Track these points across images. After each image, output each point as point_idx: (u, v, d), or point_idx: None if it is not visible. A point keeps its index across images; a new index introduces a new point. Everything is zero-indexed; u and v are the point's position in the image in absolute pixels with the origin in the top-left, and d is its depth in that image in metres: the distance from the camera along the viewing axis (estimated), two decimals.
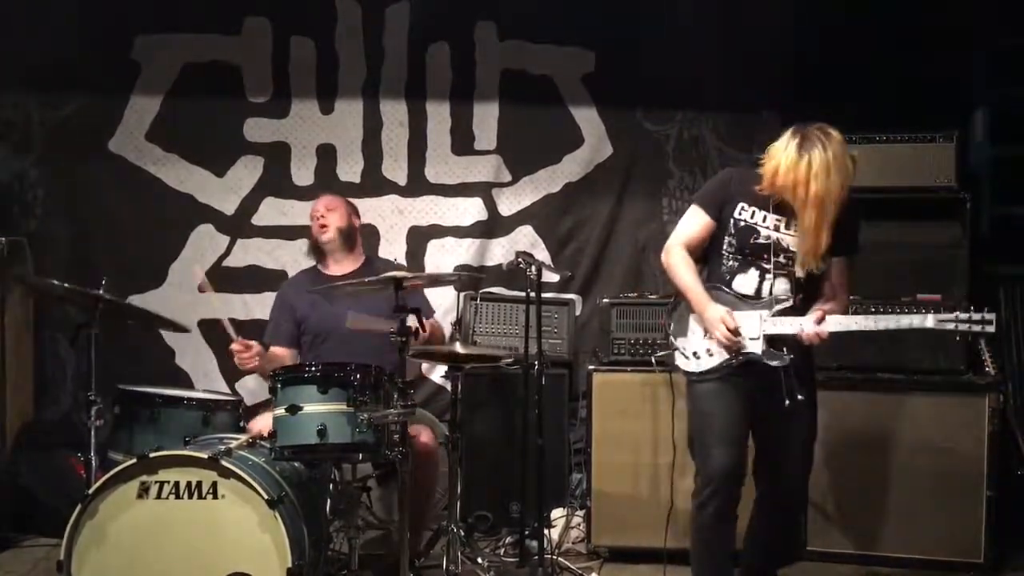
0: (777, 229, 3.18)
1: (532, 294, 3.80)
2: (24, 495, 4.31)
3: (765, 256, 3.18)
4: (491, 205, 4.97)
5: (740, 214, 3.20)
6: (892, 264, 4.16)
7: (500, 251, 4.96)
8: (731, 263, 3.23)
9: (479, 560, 3.81)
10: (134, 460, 3.04)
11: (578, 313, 4.81)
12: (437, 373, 4.79)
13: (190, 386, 4.70)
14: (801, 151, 3.03)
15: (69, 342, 4.58)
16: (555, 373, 4.32)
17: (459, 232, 4.97)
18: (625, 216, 4.98)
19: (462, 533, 3.74)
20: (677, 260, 3.24)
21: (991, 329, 3.05)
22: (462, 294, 4.61)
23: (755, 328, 3.13)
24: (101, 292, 3.45)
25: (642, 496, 4.11)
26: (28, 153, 4.86)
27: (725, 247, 3.23)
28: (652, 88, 4.90)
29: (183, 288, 4.83)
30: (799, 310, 3.15)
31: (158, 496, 3.01)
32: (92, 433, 3.38)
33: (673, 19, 4.85)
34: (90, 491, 3.03)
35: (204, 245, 4.91)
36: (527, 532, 3.92)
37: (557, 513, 4.33)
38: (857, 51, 4.66)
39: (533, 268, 3.79)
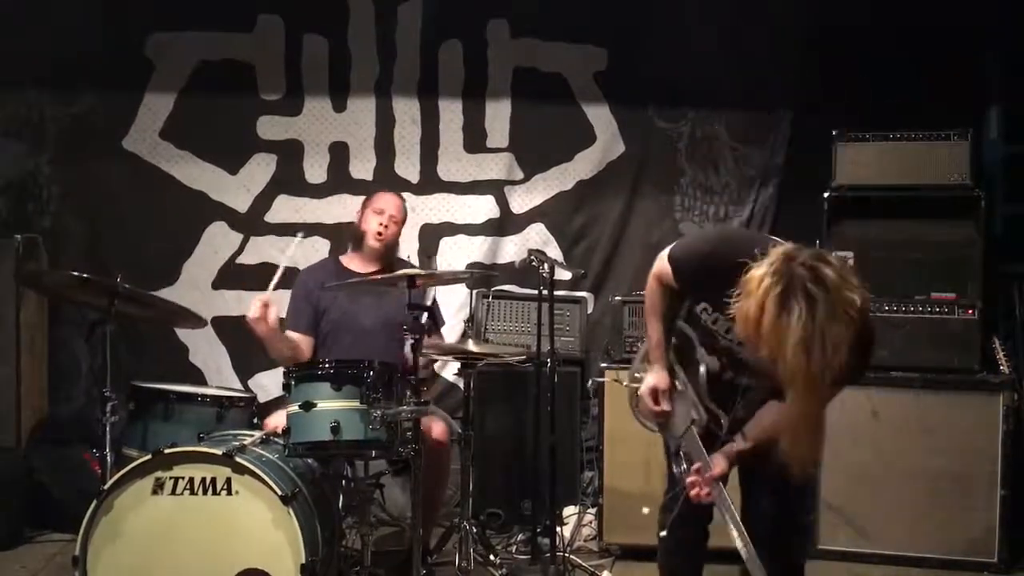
0: (741, 345, 2.52)
1: (544, 292, 3.81)
2: (39, 491, 4.32)
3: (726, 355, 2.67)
4: (503, 203, 4.98)
5: (701, 313, 2.66)
6: (905, 262, 4.16)
7: (512, 248, 4.96)
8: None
9: (491, 557, 3.82)
10: (149, 456, 3.04)
11: (590, 311, 4.80)
12: (449, 370, 4.79)
13: (203, 383, 4.72)
14: (781, 307, 2.17)
15: (84, 338, 4.60)
16: (567, 371, 4.33)
17: (471, 230, 4.98)
18: (637, 214, 4.98)
19: (474, 530, 3.74)
20: (650, 295, 2.74)
21: None
22: (474, 291, 4.61)
23: (684, 419, 2.74)
24: (119, 280, 3.45)
25: (654, 494, 4.09)
26: (42, 151, 4.88)
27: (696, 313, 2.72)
28: (664, 86, 4.89)
29: (196, 286, 4.86)
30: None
31: (173, 492, 3.01)
32: (107, 429, 3.39)
33: (685, 16, 4.85)
34: (105, 487, 3.03)
35: (217, 243, 4.92)
36: (539, 529, 3.92)
37: (569, 511, 4.34)
38: (871, 48, 4.65)
39: (545, 266, 3.78)
